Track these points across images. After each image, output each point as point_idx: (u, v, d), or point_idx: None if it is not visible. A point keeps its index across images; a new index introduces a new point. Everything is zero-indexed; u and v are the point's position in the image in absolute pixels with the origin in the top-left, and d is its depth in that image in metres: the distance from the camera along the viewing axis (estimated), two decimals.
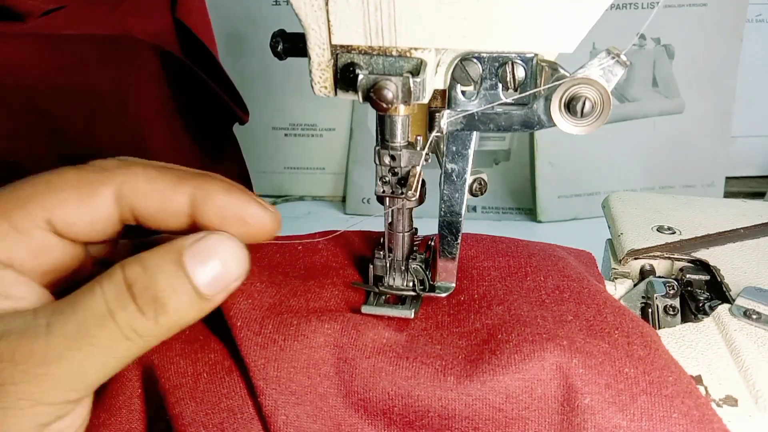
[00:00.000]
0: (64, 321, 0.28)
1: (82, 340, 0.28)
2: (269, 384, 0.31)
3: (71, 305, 0.28)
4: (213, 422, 0.31)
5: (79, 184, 0.31)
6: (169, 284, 0.29)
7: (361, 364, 0.31)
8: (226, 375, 0.32)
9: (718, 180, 0.93)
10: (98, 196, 0.31)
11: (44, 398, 0.27)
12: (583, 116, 0.29)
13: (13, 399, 0.27)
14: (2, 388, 0.27)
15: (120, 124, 0.70)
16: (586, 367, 0.31)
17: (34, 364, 0.27)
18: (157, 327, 0.29)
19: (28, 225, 0.30)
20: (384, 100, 0.29)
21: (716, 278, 0.41)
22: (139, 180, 0.31)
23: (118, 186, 0.31)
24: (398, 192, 0.34)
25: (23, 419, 0.27)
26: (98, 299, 0.28)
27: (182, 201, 0.31)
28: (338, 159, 0.96)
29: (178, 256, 0.29)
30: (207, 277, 0.29)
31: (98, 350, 0.28)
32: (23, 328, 0.28)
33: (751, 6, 0.89)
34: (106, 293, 0.28)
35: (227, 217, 0.31)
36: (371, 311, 0.35)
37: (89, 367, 0.28)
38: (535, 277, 0.38)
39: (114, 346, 0.28)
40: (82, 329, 0.28)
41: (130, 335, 0.28)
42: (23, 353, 0.27)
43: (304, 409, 0.31)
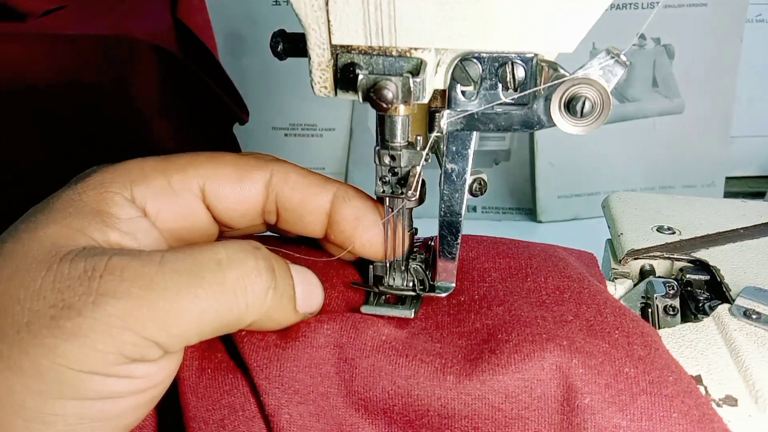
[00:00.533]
0: (179, 258, 0.28)
1: (192, 278, 0.28)
2: (272, 383, 0.31)
3: (190, 249, 0.29)
4: (214, 418, 0.31)
5: (237, 163, 0.33)
6: (282, 272, 0.31)
7: (360, 364, 0.31)
8: (229, 372, 0.32)
9: (718, 180, 0.93)
10: (251, 177, 0.33)
11: (137, 325, 0.26)
12: (582, 116, 0.29)
13: (108, 314, 0.26)
14: (101, 298, 0.26)
15: (120, 124, 0.70)
16: (586, 366, 0.31)
17: (139, 285, 0.27)
18: (262, 299, 0.30)
19: (183, 187, 0.32)
20: (384, 100, 0.29)
21: (716, 278, 0.41)
22: (291, 172, 0.34)
23: (271, 173, 0.33)
24: (398, 192, 0.34)
25: (110, 339, 0.26)
26: (219, 249, 0.29)
27: (326, 198, 0.34)
28: (338, 159, 0.96)
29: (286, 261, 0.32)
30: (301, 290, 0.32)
31: (204, 294, 0.28)
32: (137, 254, 0.28)
33: (751, 6, 0.89)
34: (229, 248, 0.30)
35: (362, 218, 0.34)
36: (371, 311, 0.35)
37: (189, 309, 0.28)
38: (535, 278, 0.38)
39: (220, 296, 0.28)
40: (196, 269, 0.28)
41: (239, 291, 0.29)
42: (133, 272, 0.27)
43: (307, 408, 0.31)
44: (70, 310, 0.26)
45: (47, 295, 0.26)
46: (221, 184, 0.33)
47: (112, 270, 0.27)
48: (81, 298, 0.26)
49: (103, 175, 0.31)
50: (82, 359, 0.26)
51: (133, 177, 0.31)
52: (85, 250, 0.28)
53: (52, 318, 0.26)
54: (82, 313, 0.26)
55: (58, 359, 0.25)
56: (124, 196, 0.31)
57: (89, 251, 0.28)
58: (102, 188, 0.30)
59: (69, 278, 0.26)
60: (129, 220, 0.30)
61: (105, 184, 0.31)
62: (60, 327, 0.26)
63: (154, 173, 0.32)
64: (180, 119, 0.75)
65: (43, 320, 0.26)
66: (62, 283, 0.26)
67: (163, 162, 0.32)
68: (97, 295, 0.26)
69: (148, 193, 0.31)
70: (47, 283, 0.26)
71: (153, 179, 0.32)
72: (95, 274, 0.27)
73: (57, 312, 0.26)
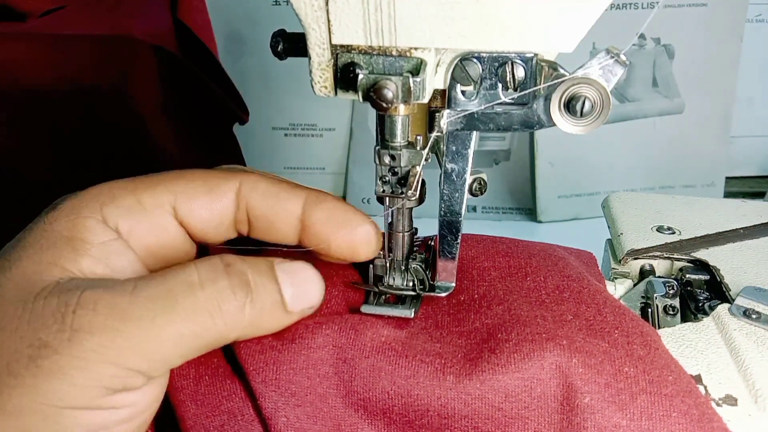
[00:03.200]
0: (151, 285, 0.28)
1: (165, 304, 0.28)
2: (268, 386, 0.31)
3: (161, 274, 0.29)
4: (214, 424, 0.31)
5: (205, 177, 0.33)
6: (261, 280, 0.31)
7: (360, 364, 0.31)
8: (227, 378, 0.32)
9: (718, 180, 0.93)
10: (220, 189, 0.33)
11: (115, 357, 0.27)
12: (582, 116, 0.30)
13: (85, 349, 0.26)
14: (77, 334, 0.26)
15: (120, 124, 0.70)
16: (585, 366, 0.31)
17: (113, 317, 0.27)
18: (240, 314, 0.30)
19: (153, 204, 0.32)
20: (384, 99, 0.29)
21: (716, 278, 0.41)
22: (260, 181, 0.33)
23: (240, 183, 0.33)
24: (398, 192, 0.34)
25: (89, 374, 0.26)
26: (191, 271, 0.29)
27: (296, 204, 0.33)
28: (338, 159, 0.96)
29: (271, 264, 0.32)
30: (291, 290, 0.31)
31: (179, 318, 0.28)
32: (110, 285, 0.28)
33: (751, 6, 0.89)
34: (200, 268, 0.30)
35: (334, 219, 0.33)
36: (371, 311, 0.35)
37: (166, 335, 0.28)
38: (535, 277, 0.38)
39: (195, 318, 0.28)
40: (168, 294, 0.28)
41: (214, 311, 0.29)
42: (105, 305, 0.27)
43: (304, 411, 0.31)
44: (47, 348, 0.26)
45: (24, 335, 0.26)
46: (191, 198, 0.33)
47: (85, 304, 0.27)
48: (56, 335, 0.26)
49: (72, 201, 0.31)
50: (63, 396, 0.26)
51: (103, 199, 0.31)
52: (58, 284, 0.28)
53: (30, 357, 0.26)
54: (59, 351, 0.26)
55: (39, 398, 0.26)
56: (96, 219, 0.30)
57: (62, 286, 0.28)
58: (73, 214, 0.30)
59: (43, 316, 0.27)
60: (101, 244, 0.30)
61: (75, 209, 0.30)
62: (38, 366, 0.26)
63: (123, 193, 0.32)
64: (180, 119, 0.75)
65: (22, 360, 0.26)
66: (37, 321, 0.27)
67: (132, 182, 0.32)
68: (72, 331, 0.26)
69: (118, 213, 0.31)
70: (23, 323, 0.27)
71: (122, 199, 0.31)
72: (68, 309, 0.27)
73: (34, 351, 0.26)
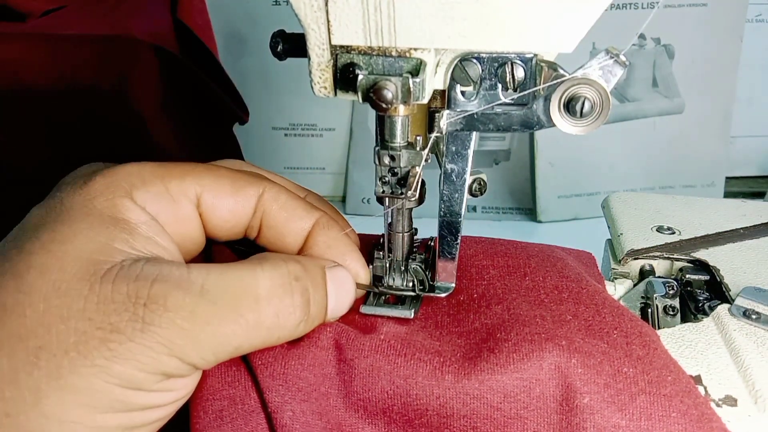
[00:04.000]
0: (219, 290, 0.29)
1: (230, 315, 0.29)
2: (276, 380, 0.31)
3: (227, 276, 0.30)
4: (213, 408, 0.31)
5: (233, 177, 0.34)
6: (319, 295, 0.32)
7: (360, 364, 0.31)
8: (232, 365, 0.32)
9: (718, 180, 0.93)
10: (245, 192, 0.34)
11: (179, 352, 0.28)
12: (582, 116, 0.30)
13: (154, 341, 0.27)
14: (149, 327, 0.27)
15: (120, 125, 0.70)
16: (585, 366, 0.31)
17: (182, 317, 0.28)
18: (294, 331, 0.31)
19: (180, 193, 0.33)
20: (384, 100, 0.29)
21: (716, 278, 0.41)
22: (282, 192, 0.34)
23: (263, 190, 0.34)
24: (398, 192, 0.34)
25: (155, 362, 0.27)
26: (260, 282, 0.30)
27: (308, 223, 0.34)
28: (338, 159, 0.96)
29: (323, 272, 0.33)
30: (334, 301, 0.32)
31: (241, 330, 0.29)
32: (178, 280, 0.29)
33: (751, 6, 0.89)
34: (269, 281, 0.30)
35: (333, 249, 0.34)
36: (371, 311, 0.35)
37: (226, 341, 0.29)
38: (534, 277, 0.38)
39: (254, 333, 0.29)
40: (234, 305, 0.29)
41: (273, 327, 0.30)
42: (175, 302, 0.28)
43: (309, 406, 0.31)
44: (120, 334, 0.27)
45: (93, 317, 0.27)
46: (218, 194, 0.33)
47: (156, 299, 0.28)
48: (128, 324, 0.27)
49: (105, 178, 0.31)
50: (130, 378, 0.27)
51: (133, 180, 0.32)
52: (123, 267, 0.29)
53: (101, 340, 0.27)
54: (133, 339, 0.27)
55: (108, 378, 0.27)
56: (130, 199, 0.31)
57: (128, 271, 0.28)
58: (109, 193, 0.31)
59: (113, 302, 0.28)
60: (145, 224, 0.31)
61: (111, 188, 0.31)
62: (111, 350, 0.27)
63: (152, 178, 0.32)
64: (180, 119, 0.75)
65: (93, 341, 0.27)
66: (107, 306, 0.28)
67: (162, 168, 0.33)
68: (144, 324, 0.27)
69: (147, 197, 0.32)
70: (91, 304, 0.28)
71: (152, 184, 0.32)
72: (139, 300, 0.28)
73: (105, 335, 0.27)
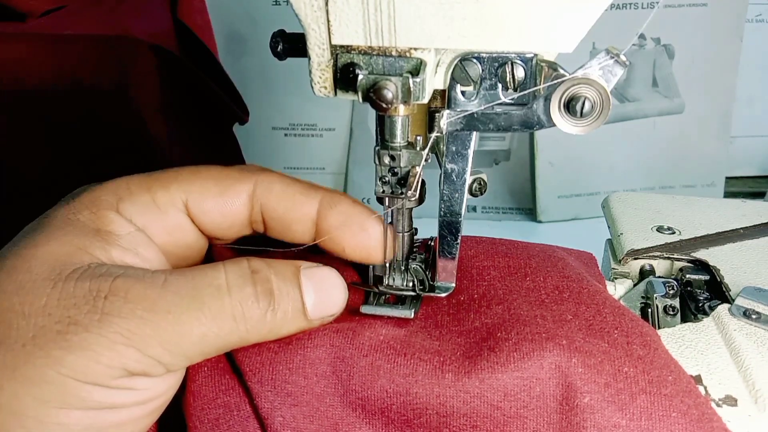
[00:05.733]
0: (181, 281, 0.29)
1: (192, 303, 0.29)
2: (264, 386, 0.31)
3: (191, 272, 0.30)
4: (209, 417, 0.31)
5: (220, 177, 0.33)
6: (285, 288, 0.31)
7: (359, 363, 0.31)
8: (226, 373, 0.32)
9: (718, 180, 0.93)
10: (234, 189, 0.33)
11: (140, 343, 0.28)
12: (582, 116, 0.30)
13: (113, 331, 0.27)
14: (107, 317, 0.27)
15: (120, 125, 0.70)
16: (585, 366, 0.31)
17: (143, 307, 0.28)
18: (262, 321, 0.30)
19: (167, 202, 0.33)
20: (384, 100, 0.29)
21: (716, 278, 0.41)
22: (275, 182, 0.34)
23: (255, 184, 0.33)
24: (398, 192, 0.34)
25: (113, 354, 0.27)
26: (219, 273, 0.30)
27: (311, 206, 0.34)
28: (338, 159, 0.96)
29: (296, 270, 0.32)
30: (313, 298, 0.32)
31: (204, 318, 0.29)
32: (141, 275, 0.29)
33: (751, 6, 0.89)
34: (228, 272, 0.30)
35: (349, 223, 0.34)
36: (371, 311, 0.35)
37: (190, 332, 0.29)
38: (534, 277, 0.38)
39: (219, 321, 0.29)
40: (197, 294, 0.29)
41: (238, 316, 0.30)
42: (136, 294, 0.28)
43: (300, 410, 0.31)
44: (77, 326, 0.27)
45: (53, 312, 0.27)
46: (204, 198, 0.33)
47: (116, 291, 0.28)
48: (87, 315, 0.27)
49: (92, 193, 0.32)
50: (86, 371, 0.27)
51: (120, 194, 0.32)
52: (89, 268, 0.29)
53: (59, 332, 0.27)
54: (89, 329, 0.27)
55: (63, 370, 0.26)
56: (115, 212, 0.31)
57: (93, 270, 0.28)
58: (94, 207, 0.31)
59: (74, 296, 0.27)
60: (128, 235, 0.31)
61: (96, 202, 0.31)
62: (67, 340, 0.27)
63: (139, 190, 0.32)
64: (180, 119, 0.75)
65: (50, 334, 0.27)
66: (68, 300, 0.27)
67: (148, 179, 0.33)
68: (103, 314, 0.27)
69: (134, 210, 0.32)
70: (53, 300, 0.27)
71: (138, 196, 0.32)
72: (100, 294, 0.28)
73: (63, 327, 0.27)
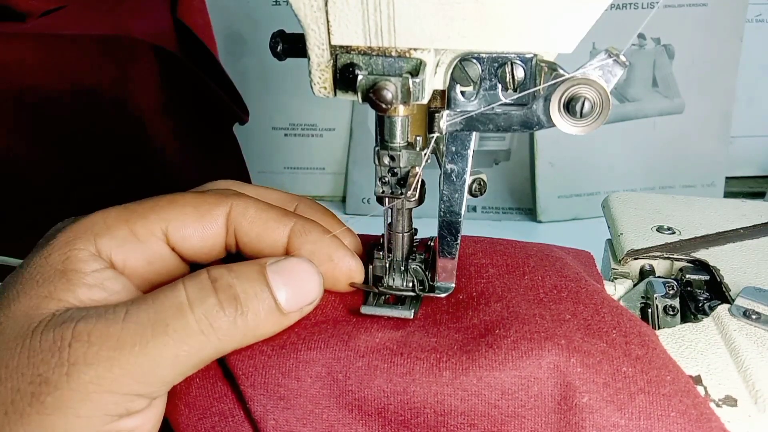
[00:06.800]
0: (141, 309, 0.29)
1: (156, 328, 0.28)
2: (257, 390, 0.31)
3: (152, 297, 0.30)
4: (205, 426, 0.31)
5: (197, 203, 0.34)
6: (252, 289, 0.31)
7: (355, 363, 0.31)
8: (218, 380, 0.32)
9: (718, 180, 0.92)
10: (211, 214, 0.34)
11: (114, 386, 0.27)
12: (582, 116, 0.30)
13: (83, 381, 0.27)
14: (74, 367, 0.27)
15: (120, 124, 0.70)
16: (584, 365, 0.31)
17: (108, 347, 0.27)
18: (233, 328, 0.30)
19: (146, 233, 0.32)
20: (383, 100, 0.29)
21: (716, 278, 0.41)
22: (250, 207, 0.34)
23: (230, 208, 0.34)
24: (398, 192, 0.34)
25: (90, 405, 0.27)
26: (179, 291, 0.30)
27: (283, 233, 0.34)
28: (338, 159, 0.96)
29: (261, 268, 0.31)
30: (285, 291, 0.31)
31: (172, 341, 0.28)
32: (102, 314, 0.29)
33: (751, 6, 0.89)
34: (188, 287, 0.30)
35: (317, 254, 0.34)
36: (370, 312, 0.35)
37: (161, 358, 0.28)
38: (533, 276, 0.38)
39: (188, 339, 0.29)
40: (159, 318, 0.29)
41: (206, 329, 0.29)
42: (99, 335, 0.28)
43: (293, 413, 0.31)
44: (47, 384, 0.27)
45: (24, 371, 0.27)
46: (183, 225, 0.33)
47: (79, 336, 0.27)
48: (55, 370, 0.27)
49: (67, 233, 0.32)
50: (69, 429, 0.27)
51: (97, 230, 0.32)
52: (53, 317, 0.28)
53: (32, 394, 0.27)
54: (59, 386, 0.27)
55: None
56: (89, 251, 0.31)
57: (57, 319, 0.28)
58: (67, 247, 0.31)
59: (41, 351, 0.27)
60: (94, 272, 0.31)
61: (70, 242, 0.31)
62: (41, 402, 0.26)
63: (117, 224, 0.32)
64: (180, 119, 0.75)
65: (26, 398, 0.27)
66: (36, 357, 0.27)
67: (125, 211, 0.33)
68: (69, 365, 0.27)
69: (112, 244, 0.32)
70: (23, 359, 0.27)
71: (116, 230, 0.32)
72: (64, 343, 0.27)
73: (35, 388, 0.27)
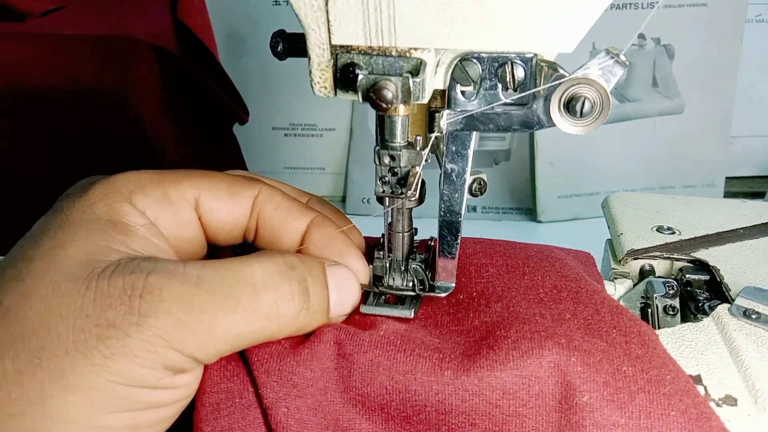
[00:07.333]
0: (215, 279, 0.29)
1: (227, 303, 0.29)
2: (271, 376, 0.31)
3: (222, 267, 0.30)
4: (210, 401, 0.31)
5: (229, 180, 0.34)
6: (316, 287, 0.32)
7: (359, 360, 0.31)
8: (231, 360, 0.32)
9: (718, 180, 0.93)
10: (242, 193, 0.34)
11: (178, 345, 0.28)
12: (582, 116, 0.30)
13: (153, 334, 0.27)
14: (145, 319, 0.27)
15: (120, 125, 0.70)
16: (584, 365, 0.31)
17: (178, 306, 0.28)
18: (295, 320, 0.31)
19: (179, 196, 0.33)
20: (384, 100, 0.29)
21: (716, 278, 0.41)
22: (277, 193, 0.35)
23: (258, 191, 0.35)
24: (398, 192, 0.34)
25: (155, 357, 0.27)
26: (253, 270, 0.30)
27: (303, 222, 0.35)
28: (338, 159, 0.96)
29: (323, 267, 0.33)
30: (336, 297, 0.32)
31: (239, 318, 0.29)
32: (174, 272, 0.29)
33: (751, 6, 0.89)
34: (264, 267, 0.30)
35: (330, 246, 0.34)
36: (371, 311, 0.35)
37: (224, 333, 0.29)
38: (533, 276, 0.38)
39: (254, 320, 0.29)
40: (231, 293, 0.29)
41: (273, 315, 0.30)
42: (170, 292, 0.28)
43: (304, 402, 0.31)
44: (116, 329, 0.27)
45: (90, 313, 0.27)
46: (215, 197, 0.34)
47: (151, 289, 0.28)
48: (124, 317, 0.27)
49: (104, 186, 0.32)
50: (132, 375, 0.27)
51: (132, 186, 0.32)
52: (120, 265, 0.29)
53: (98, 337, 0.27)
54: (129, 334, 0.27)
55: (109, 377, 0.27)
56: (129, 204, 0.32)
57: (124, 267, 0.28)
58: (108, 199, 0.31)
59: (109, 296, 0.27)
60: (143, 226, 0.31)
61: (110, 194, 0.31)
62: (109, 347, 0.27)
63: (151, 184, 0.33)
64: (180, 119, 0.75)
65: (90, 340, 0.27)
66: (103, 300, 0.27)
67: (158, 175, 0.33)
68: (140, 316, 0.27)
69: (146, 202, 0.32)
70: (88, 301, 0.27)
71: (150, 189, 0.32)
72: (135, 293, 0.27)
73: (102, 331, 0.27)
